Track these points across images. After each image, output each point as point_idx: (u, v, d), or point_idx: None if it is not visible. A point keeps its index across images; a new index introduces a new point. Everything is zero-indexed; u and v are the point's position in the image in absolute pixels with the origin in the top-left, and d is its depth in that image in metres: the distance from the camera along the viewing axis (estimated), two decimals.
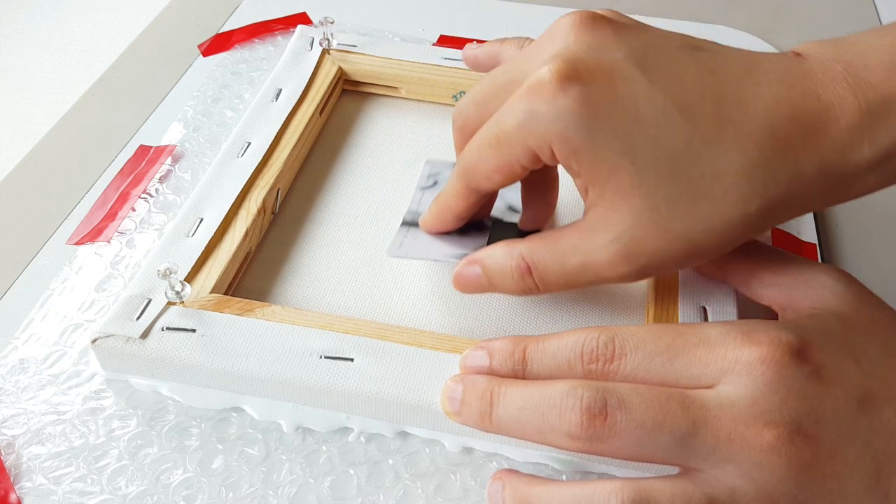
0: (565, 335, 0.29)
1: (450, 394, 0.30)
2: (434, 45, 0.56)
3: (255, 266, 0.40)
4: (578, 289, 0.33)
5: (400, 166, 0.45)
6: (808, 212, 0.35)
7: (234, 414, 0.34)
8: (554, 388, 0.27)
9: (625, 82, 0.29)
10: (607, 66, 0.30)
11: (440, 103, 0.49)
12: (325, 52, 0.49)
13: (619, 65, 0.30)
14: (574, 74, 0.29)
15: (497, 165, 0.32)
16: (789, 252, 0.34)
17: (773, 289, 0.33)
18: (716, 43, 0.32)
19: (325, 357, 0.32)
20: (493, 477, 0.30)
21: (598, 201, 0.30)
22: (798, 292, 0.31)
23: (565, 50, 0.30)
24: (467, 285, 0.34)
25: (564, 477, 0.32)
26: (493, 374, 0.30)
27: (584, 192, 0.31)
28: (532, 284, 0.32)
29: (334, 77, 0.48)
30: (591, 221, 0.31)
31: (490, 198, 0.38)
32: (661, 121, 0.29)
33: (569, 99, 0.29)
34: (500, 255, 0.33)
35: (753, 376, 0.26)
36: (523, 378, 0.29)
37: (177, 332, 0.33)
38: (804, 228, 0.44)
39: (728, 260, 0.34)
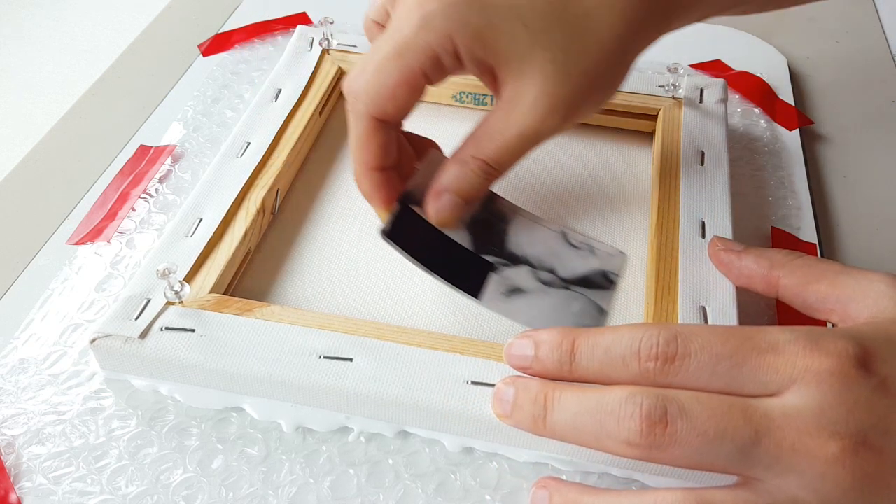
0: (621, 329, 0.28)
1: (501, 396, 0.30)
2: None
3: (255, 266, 0.40)
4: (525, 157, 0.35)
5: None
6: (691, 22, 0.36)
7: (234, 414, 0.34)
8: (612, 394, 0.27)
9: None
10: None
11: (440, 103, 0.49)
12: (324, 52, 0.49)
13: None
14: None
15: (401, 78, 0.32)
16: (838, 262, 0.33)
17: (829, 302, 0.32)
18: None
19: (325, 357, 0.32)
20: (536, 485, 0.30)
21: (507, 79, 0.33)
22: (856, 304, 0.31)
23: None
24: (445, 212, 0.35)
25: (565, 476, 0.32)
26: (538, 363, 0.29)
27: (492, 79, 0.34)
28: (493, 172, 0.34)
29: (334, 77, 0.48)
30: (508, 97, 0.33)
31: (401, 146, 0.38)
32: None
33: None
34: (455, 170, 0.35)
35: (822, 387, 0.26)
36: (570, 372, 0.28)
37: (176, 331, 0.33)
38: (804, 228, 0.44)
39: (779, 276, 0.34)
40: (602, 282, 0.37)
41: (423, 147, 0.40)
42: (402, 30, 0.32)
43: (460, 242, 0.37)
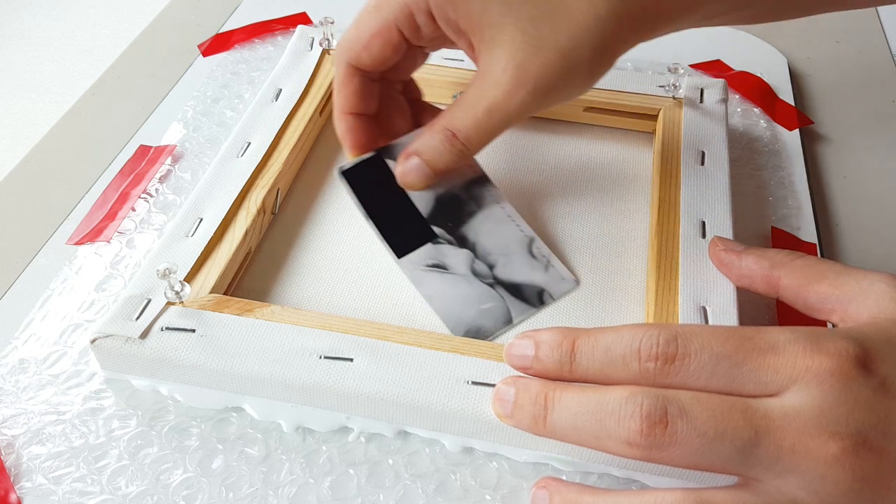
0: (621, 329, 0.28)
1: (501, 396, 0.30)
2: None
3: (255, 266, 0.40)
4: (498, 136, 0.35)
5: None
6: (666, 32, 0.35)
7: (234, 414, 0.34)
8: (612, 394, 0.27)
9: None
10: None
11: (440, 103, 0.49)
12: (325, 52, 0.49)
13: None
14: None
15: (375, 30, 0.35)
16: (838, 263, 0.33)
17: (830, 302, 0.32)
18: None
19: (325, 357, 0.32)
20: (536, 485, 0.30)
21: (481, 48, 0.34)
22: (857, 304, 0.30)
23: None
24: (410, 175, 0.36)
25: (565, 476, 0.32)
26: (539, 363, 0.29)
27: (469, 47, 0.35)
28: (461, 147, 0.35)
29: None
30: (482, 67, 0.34)
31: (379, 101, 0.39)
32: None
33: None
34: (427, 136, 0.36)
35: (823, 388, 0.25)
36: (570, 372, 0.28)
37: (176, 332, 0.33)
38: (804, 228, 0.44)
39: (780, 276, 0.33)
40: (531, 297, 0.36)
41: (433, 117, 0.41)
42: None
43: (419, 207, 0.37)
